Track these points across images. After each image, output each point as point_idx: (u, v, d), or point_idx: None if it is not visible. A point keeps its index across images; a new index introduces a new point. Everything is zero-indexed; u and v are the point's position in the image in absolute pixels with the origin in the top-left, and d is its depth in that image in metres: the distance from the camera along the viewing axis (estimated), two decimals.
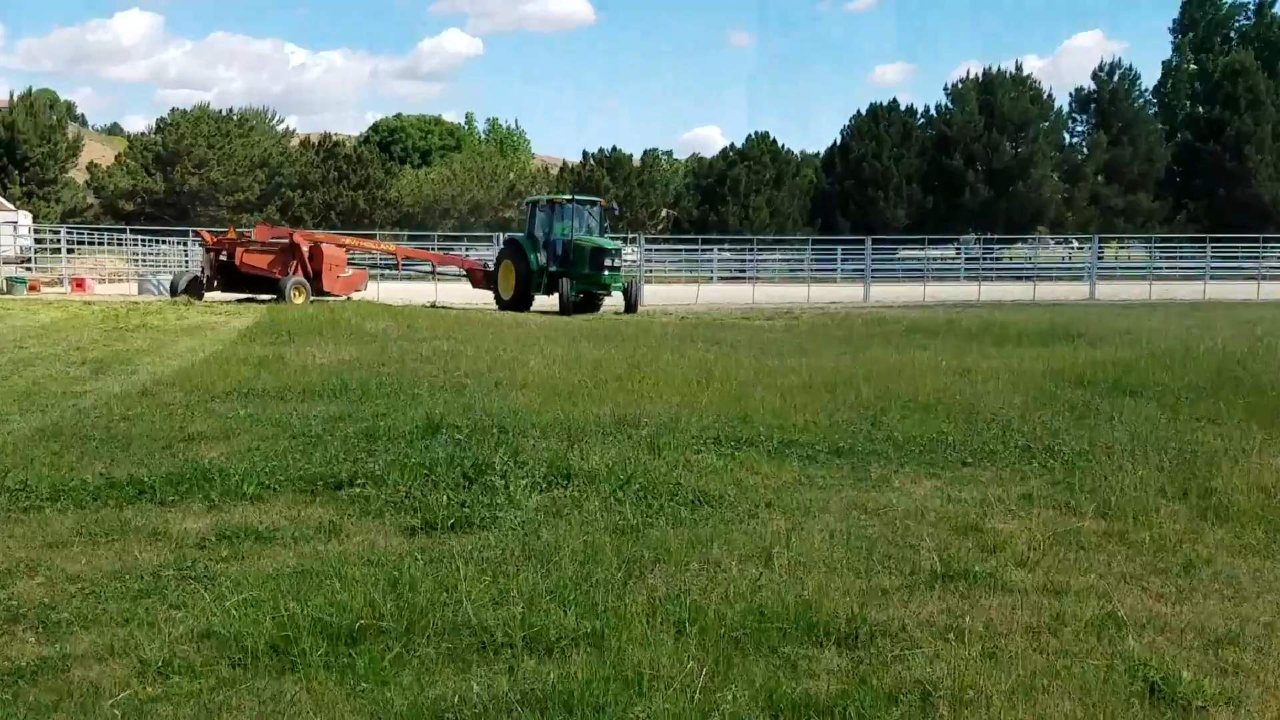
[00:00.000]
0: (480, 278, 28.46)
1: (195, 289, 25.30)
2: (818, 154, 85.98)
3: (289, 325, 16.56)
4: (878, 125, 71.14)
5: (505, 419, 8.52)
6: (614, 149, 75.32)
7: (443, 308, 25.60)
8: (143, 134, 74.48)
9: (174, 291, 25.37)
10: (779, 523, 5.85)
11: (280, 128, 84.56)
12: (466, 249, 44.13)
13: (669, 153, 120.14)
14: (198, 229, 34.15)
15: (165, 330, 17.65)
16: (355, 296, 25.74)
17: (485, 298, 30.70)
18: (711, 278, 44.91)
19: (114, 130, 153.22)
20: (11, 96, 71.57)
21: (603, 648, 4.06)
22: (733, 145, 76.23)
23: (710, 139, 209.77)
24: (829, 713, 3.59)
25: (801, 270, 42.97)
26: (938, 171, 69.70)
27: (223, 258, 25.05)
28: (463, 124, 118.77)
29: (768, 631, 4.20)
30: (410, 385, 10.63)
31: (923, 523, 5.92)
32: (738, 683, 3.77)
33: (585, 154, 76.35)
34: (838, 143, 74.37)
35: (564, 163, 77.89)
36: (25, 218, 52.84)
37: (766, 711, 3.57)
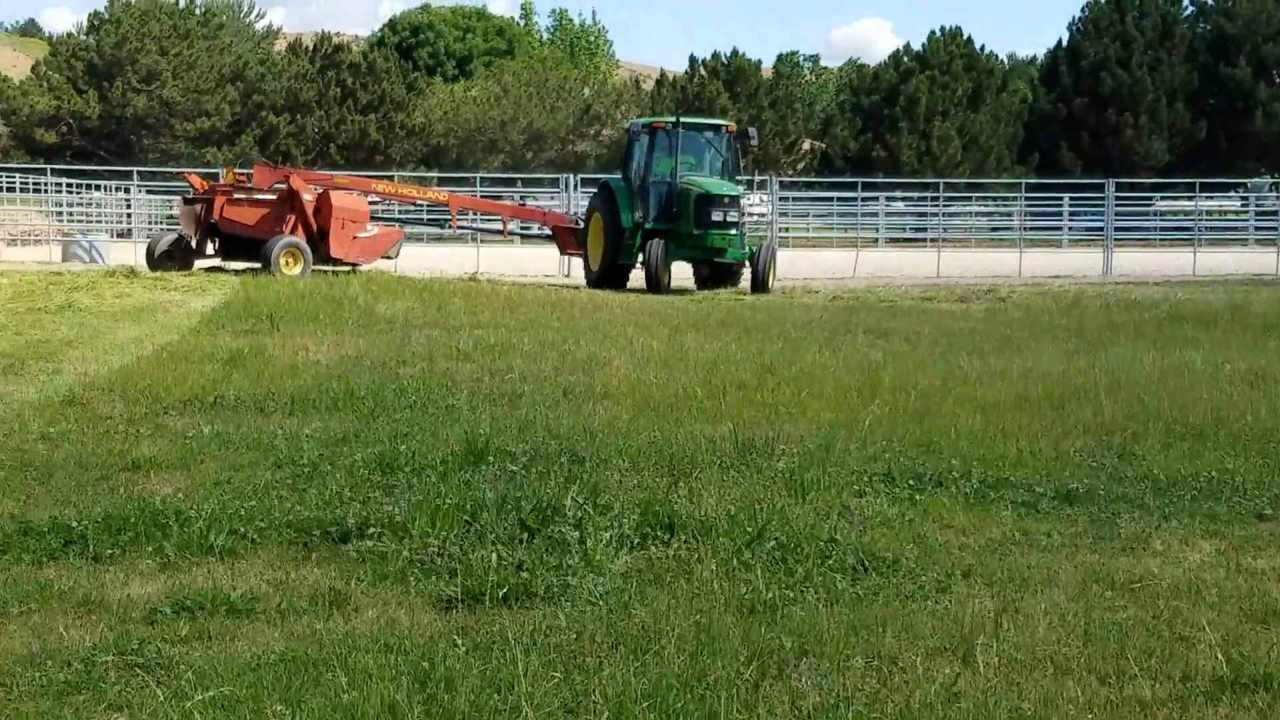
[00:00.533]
0: (569, 238, 28.62)
1: (180, 257, 25.78)
2: (1033, 59, 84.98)
3: (271, 307, 16.86)
4: (1123, 18, 70.06)
5: (579, 443, 8.56)
6: (734, 54, 75.36)
7: (488, 281, 25.86)
8: (69, 35, 76.56)
9: (151, 260, 25.89)
10: (983, 601, 5.76)
11: (260, 26, 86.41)
12: (521, 198, 44.55)
13: (814, 59, 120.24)
14: (180, 170, 34.72)
15: (100, 313, 18.09)
16: (381, 264, 26.12)
17: (550, 268, 30.96)
18: (877, 239, 44.67)
19: (29, 30, 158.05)
20: None
21: None
22: (908, 47, 75.77)
23: (875, 38, 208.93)
24: None
25: (1010, 229, 42.52)
26: (1213, 85, 68.37)
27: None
28: (517, 18, 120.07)
29: None
30: (443, 394, 10.73)
31: (1199, 604, 5.78)
32: None
33: (693, 61, 76.61)
34: (1063, 43, 73.44)
35: (662, 73, 78.21)
36: None
37: None
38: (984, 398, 10.78)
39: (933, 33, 74.07)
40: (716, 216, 25.98)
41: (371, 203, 28.33)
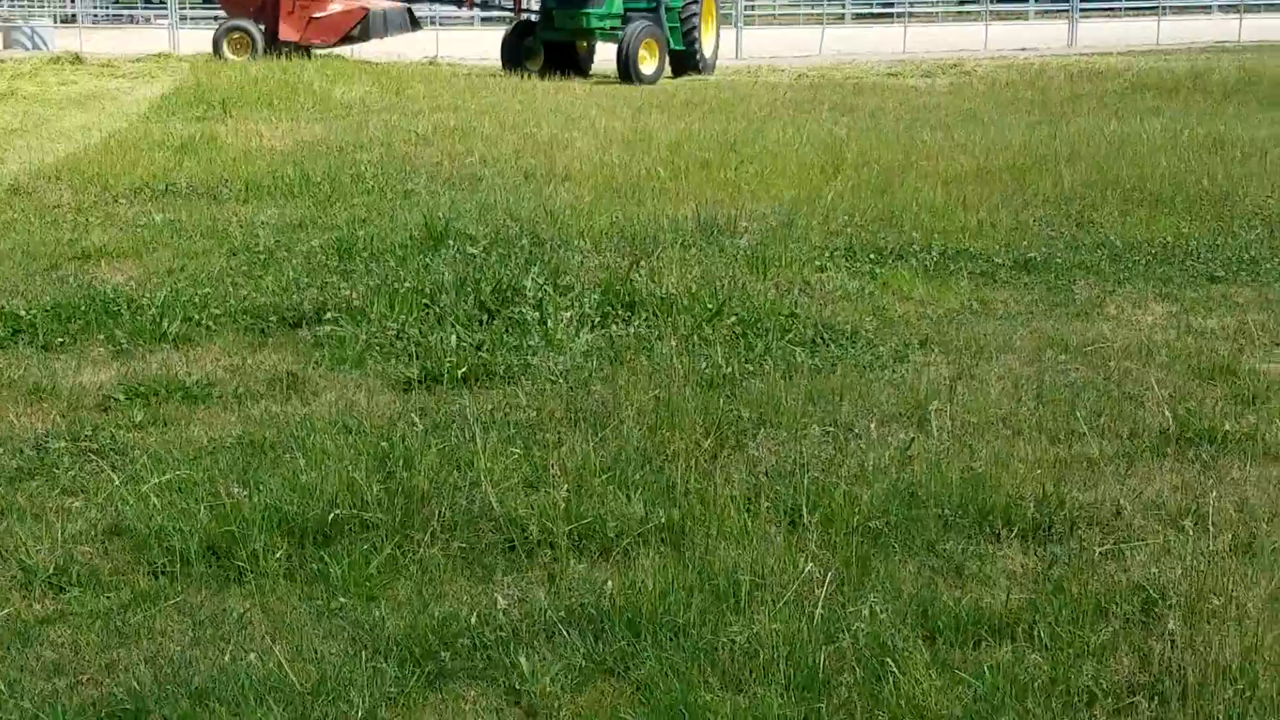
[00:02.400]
0: None
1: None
2: None
3: (224, 93, 16.56)
4: None
5: (540, 224, 8.51)
6: None
7: (449, 65, 25.42)
8: None
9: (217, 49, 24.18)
10: (940, 368, 5.80)
11: None
12: None
13: None
14: None
15: (45, 100, 17.72)
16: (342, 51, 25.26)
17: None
18: (844, 15, 44.03)
19: None
20: None
21: (683, 546, 4.06)
22: None
23: None
24: (1009, 632, 3.58)
25: (976, 3, 41.92)
26: None
27: None
28: None
29: (921, 521, 4.18)
30: (401, 177, 10.63)
31: (1150, 364, 5.85)
32: (878, 593, 3.76)
33: None
34: None
35: None
36: None
37: (918, 632, 3.57)
38: (946, 171, 10.74)
39: None
40: None
41: None
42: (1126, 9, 41.32)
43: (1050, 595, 3.75)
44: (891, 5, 43.72)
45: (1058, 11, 39.51)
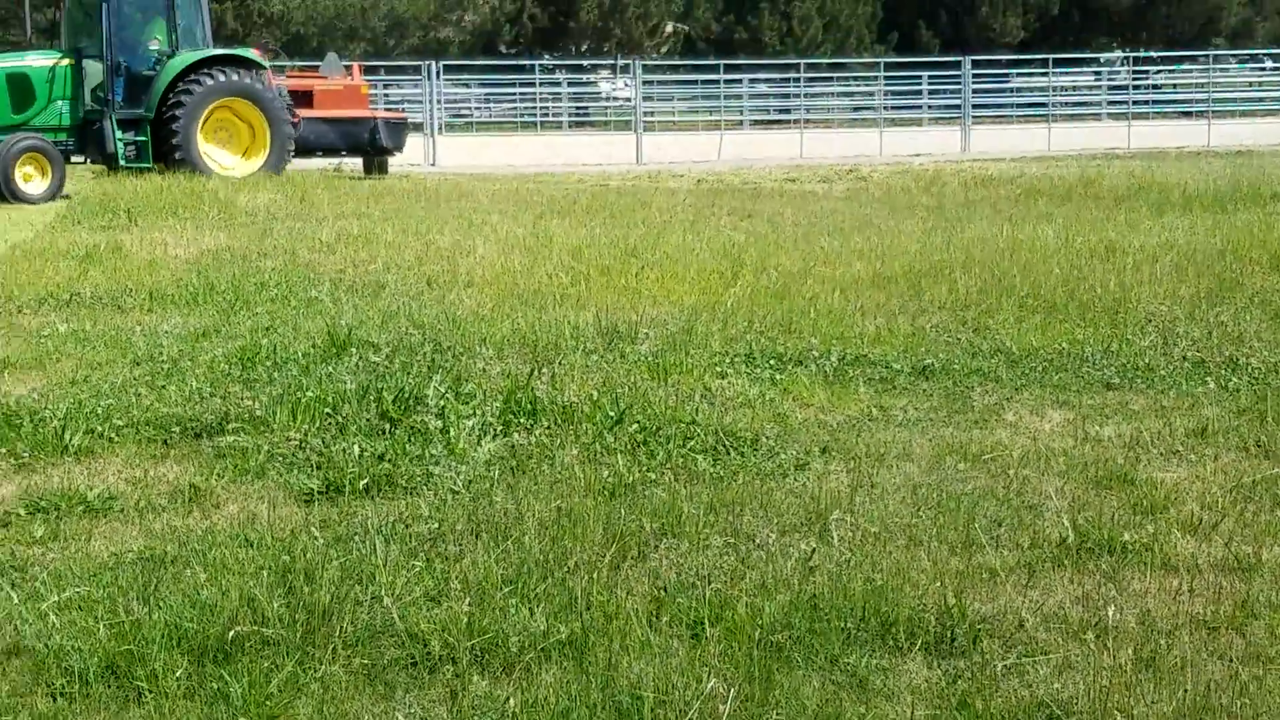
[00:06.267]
0: None
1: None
2: None
3: (129, 201, 16.47)
4: None
5: (442, 332, 8.51)
6: None
7: (353, 176, 25.46)
8: None
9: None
10: (840, 476, 5.83)
11: None
12: (384, 86, 43.76)
13: None
14: None
15: None
16: None
17: (414, 156, 30.54)
18: (741, 121, 44.66)
19: None
20: None
21: (585, 660, 4.04)
22: None
23: None
24: None
25: (871, 110, 42.72)
26: None
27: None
28: None
29: (824, 634, 4.19)
30: (305, 285, 10.60)
31: (1048, 472, 5.90)
32: (781, 709, 3.76)
33: None
34: None
35: None
36: None
37: None
38: (844, 277, 10.87)
39: None
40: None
41: None
42: (1018, 116, 42.25)
43: (956, 710, 3.76)
44: (789, 111, 44.41)
45: (951, 119, 40.37)
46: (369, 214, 16.15)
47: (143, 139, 20.69)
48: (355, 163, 26.90)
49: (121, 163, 20.61)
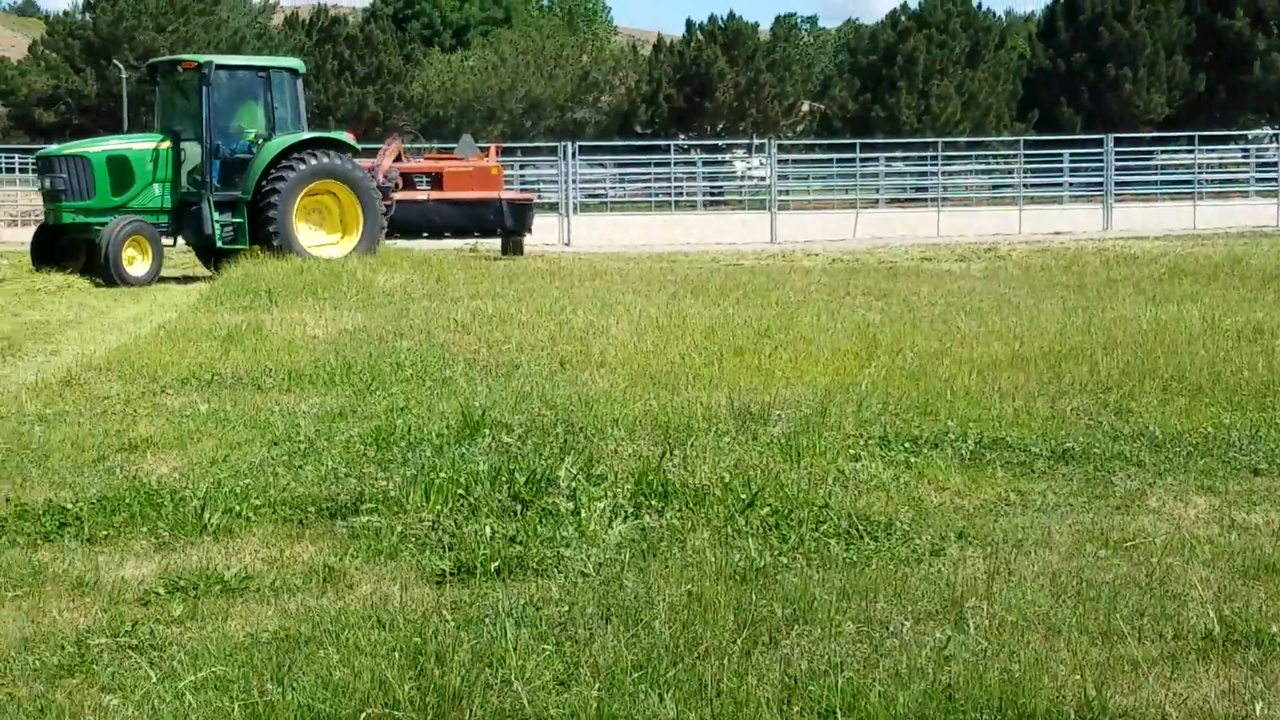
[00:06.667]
0: None
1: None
2: (1031, 16, 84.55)
3: (270, 282, 16.84)
4: None
5: (575, 413, 8.55)
6: (731, 17, 75.03)
7: (488, 256, 25.84)
8: (66, 14, 76.41)
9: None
10: (976, 562, 5.75)
11: (257, 0, 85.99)
12: (520, 167, 44.44)
13: (812, 20, 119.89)
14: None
15: (99, 292, 18.15)
16: None
17: (548, 236, 30.91)
18: (877, 200, 44.58)
19: (26, 10, 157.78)
20: None
21: None
22: (905, 6, 75.47)
23: None
24: None
25: (1010, 188, 42.41)
26: (1211, 37, 68.01)
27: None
28: None
29: None
30: (440, 366, 10.72)
31: (1193, 561, 5.78)
32: None
33: (690, 25, 76.25)
34: None
35: (659, 38, 77.90)
36: None
37: None
38: (981, 358, 10.76)
39: None
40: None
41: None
42: (1162, 194, 41.68)
43: None
44: (925, 190, 44.26)
45: (1092, 196, 39.92)
46: (504, 294, 16.35)
47: (239, 221, 20.99)
48: (492, 243, 27.31)
49: (219, 244, 20.96)
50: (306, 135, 21.86)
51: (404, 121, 64.15)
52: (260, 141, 21.16)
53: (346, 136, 22.93)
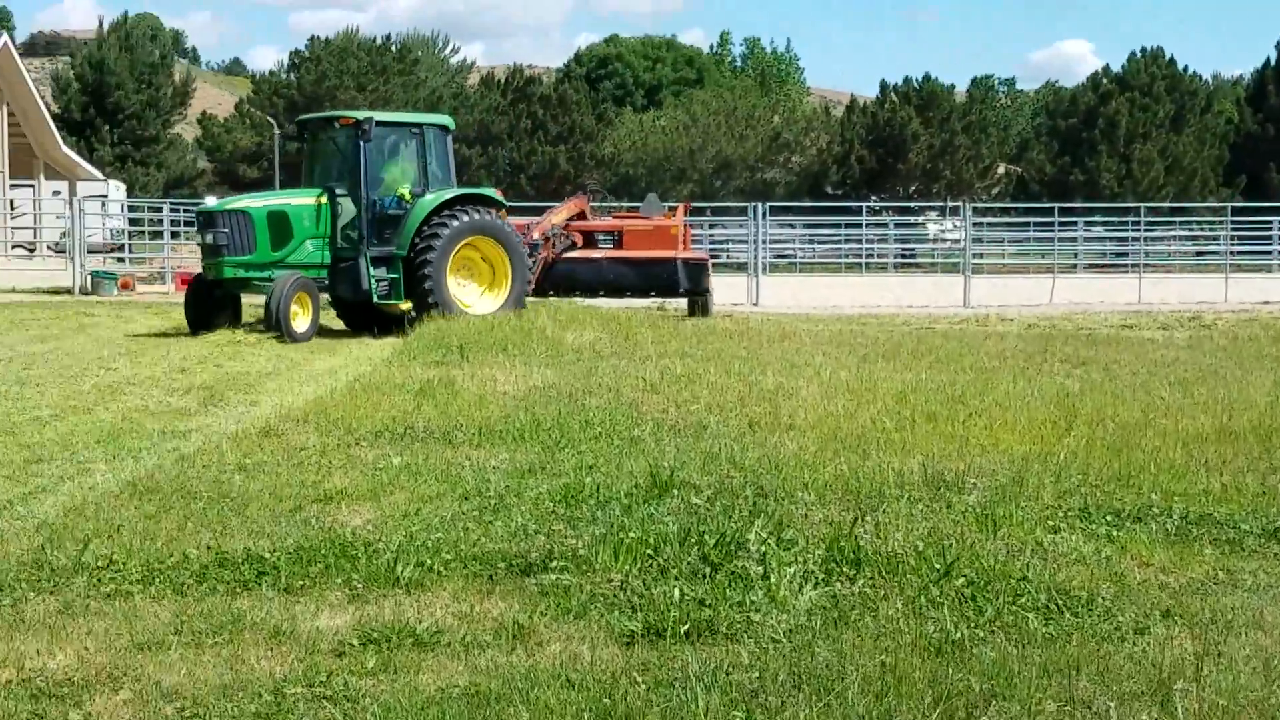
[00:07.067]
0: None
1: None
2: (1239, 80, 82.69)
3: (461, 338, 17.12)
4: None
5: (764, 476, 8.52)
6: (926, 78, 74.75)
7: (676, 314, 25.97)
8: (272, 73, 79.23)
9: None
10: (1183, 643, 5.58)
11: (455, 60, 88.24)
12: (709, 226, 44.67)
13: (1010, 82, 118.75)
14: None
15: (295, 345, 18.62)
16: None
17: (736, 296, 30.96)
18: (1075, 265, 43.84)
19: (234, 69, 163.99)
20: (101, 25, 77.57)
21: None
22: (1107, 69, 74.57)
23: (1075, 60, 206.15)
24: None
25: (1216, 255, 41.37)
26: None
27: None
28: (711, 48, 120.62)
29: None
30: (628, 424, 10.77)
31: None
32: None
33: (884, 86, 76.11)
34: (1270, 61, 71.32)
35: (852, 99, 77.92)
36: (117, 190, 57.08)
37: None
38: (1186, 430, 10.48)
39: (1133, 54, 72.71)
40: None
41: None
42: None
43: None
44: (1126, 255, 43.40)
45: None
46: (692, 353, 16.39)
47: (395, 276, 21.17)
48: (680, 301, 27.45)
49: (376, 300, 21.15)
50: (460, 191, 22.17)
51: (591, 180, 65.03)
52: (413, 197, 21.43)
53: (494, 192, 23.21)
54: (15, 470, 9.24)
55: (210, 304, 21.28)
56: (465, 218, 21.38)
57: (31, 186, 51.15)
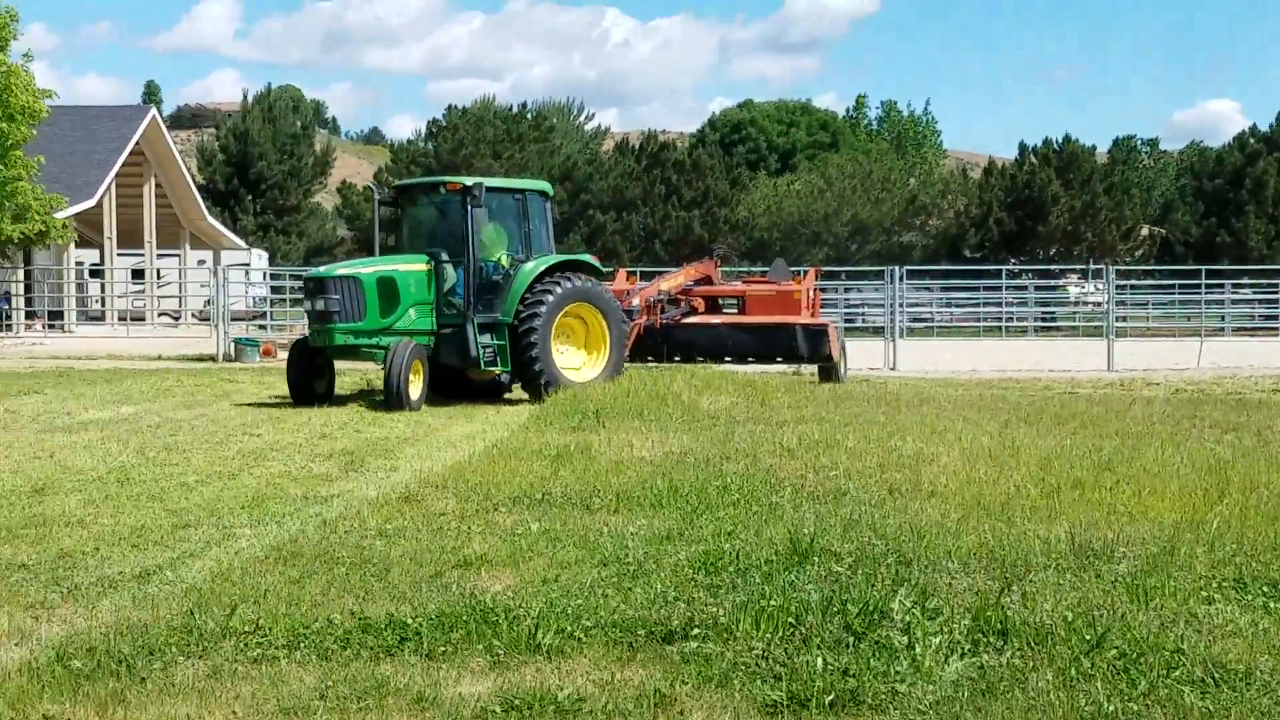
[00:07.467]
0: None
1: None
2: None
3: (597, 403, 17.22)
4: None
5: (906, 543, 8.45)
6: (1066, 139, 74.01)
7: (811, 380, 25.86)
8: (410, 141, 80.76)
9: None
10: None
11: (590, 127, 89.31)
12: (845, 290, 44.54)
13: (1153, 142, 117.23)
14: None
15: (435, 410, 18.85)
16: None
17: (873, 360, 30.78)
18: (1223, 328, 42.96)
19: (373, 138, 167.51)
20: (245, 98, 79.68)
21: None
22: (1254, 128, 73.27)
23: (1220, 119, 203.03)
24: None
25: None
26: None
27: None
28: (847, 111, 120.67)
29: None
30: (766, 491, 10.74)
31: None
32: None
33: (1023, 148, 75.49)
34: None
35: (990, 161, 77.39)
36: (259, 258, 58.48)
37: None
38: None
39: None
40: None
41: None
42: None
43: None
44: (1276, 318, 42.46)
45: None
46: (829, 419, 16.31)
47: (501, 343, 21.08)
48: (814, 367, 27.35)
49: (483, 367, 21.02)
50: (560, 258, 22.15)
51: (719, 245, 65.19)
52: (514, 263, 21.43)
53: (592, 259, 23.17)
54: (164, 535, 9.45)
55: (310, 371, 21.23)
56: (568, 285, 21.42)
57: (177, 256, 52.65)
